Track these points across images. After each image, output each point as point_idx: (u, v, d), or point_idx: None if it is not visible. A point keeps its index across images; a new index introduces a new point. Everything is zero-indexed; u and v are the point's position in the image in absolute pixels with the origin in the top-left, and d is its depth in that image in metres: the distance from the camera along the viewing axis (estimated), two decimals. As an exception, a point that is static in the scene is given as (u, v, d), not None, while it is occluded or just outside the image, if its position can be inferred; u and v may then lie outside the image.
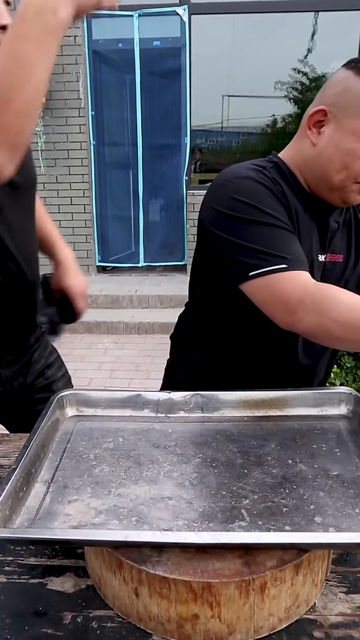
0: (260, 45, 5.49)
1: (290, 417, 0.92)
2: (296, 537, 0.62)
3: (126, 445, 0.86)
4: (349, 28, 5.14)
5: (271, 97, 6.18)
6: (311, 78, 6.08)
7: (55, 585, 0.71)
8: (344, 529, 0.66)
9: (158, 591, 0.61)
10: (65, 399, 0.95)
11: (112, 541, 0.62)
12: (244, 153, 6.79)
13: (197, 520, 0.68)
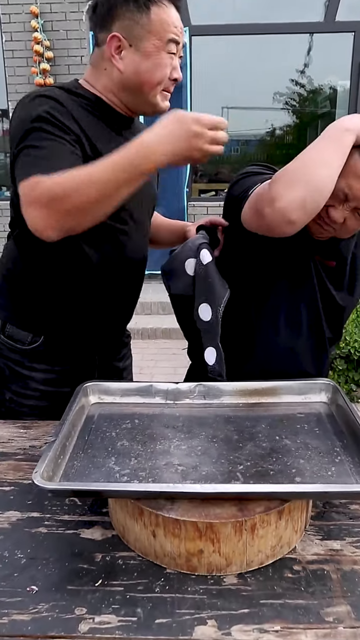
0: (257, 61, 5.72)
1: (278, 403, 1.10)
2: (277, 487, 0.79)
3: (141, 425, 1.03)
4: (343, 46, 5.36)
5: (269, 108, 6.40)
6: (308, 90, 6.30)
7: (86, 535, 0.88)
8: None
9: (171, 531, 0.78)
10: (89, 388, 1.12)
11: (137, 491, 0.79)
12: (242, 163, 7.00)
13: (201, 480, 0.85)
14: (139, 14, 1.09)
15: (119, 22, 1.11)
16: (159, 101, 1.17)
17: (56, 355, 1.30)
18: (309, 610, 0.73)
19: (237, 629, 0.70)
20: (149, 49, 1.11)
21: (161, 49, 1.12)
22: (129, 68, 1.13)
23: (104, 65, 1.16)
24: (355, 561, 0.82)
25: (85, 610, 0.73)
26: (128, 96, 1.17)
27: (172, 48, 1.13)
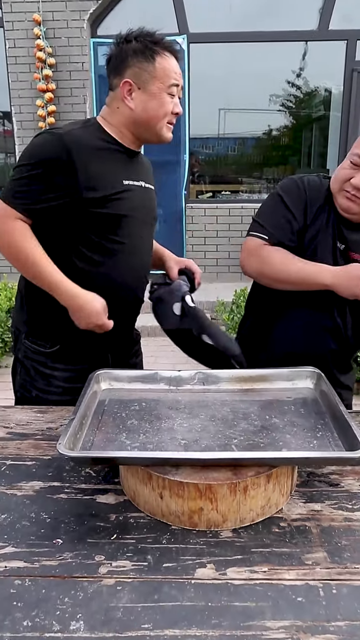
0: (253, 66, 5.86)
1: (269, 388, 1.24)
2: (266, 454, 0.94)
3: (148, 407, 1.17)
4: (336, 53, 5.51)
5: (265, 110, 6.54)
6: (303, 94, 6.45)
7: (101, 500, 1.02)
8: (301, 455, 0.98)
9: (176, 493, 0.91)
10: (100, 376, 1.26)
11: (148, 458, 0.93)
12: (240, 163, 7.15)
13: (202, 451, 0.99)
14: (146, 63, 1.34)
15: (130, 70, 1.35)
16: (164, 132, 1.42)
17: (74, 356, 1.48)
18: (292, 556, 0.87)
19: (232, 571, 0.84)
20: (154, 90, 1.36)
21: (164, 91, 1.36)
22: (139, 106, 1.38)
23: (117, 105, 1.40)
24: (332, 519, 0.95)
25: (103, 557, 0.87)
26: (138, 129, 1.41)
27: (173, 90, 1.37)
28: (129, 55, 1.34)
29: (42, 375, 1.48)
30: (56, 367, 1.47)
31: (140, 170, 1.50)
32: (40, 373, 1.48)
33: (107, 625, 0.75)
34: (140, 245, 1.50)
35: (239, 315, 3.52)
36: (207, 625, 0.74)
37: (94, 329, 1.38)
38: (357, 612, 0.76)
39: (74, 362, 1.47)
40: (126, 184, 1.41)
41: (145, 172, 1.54)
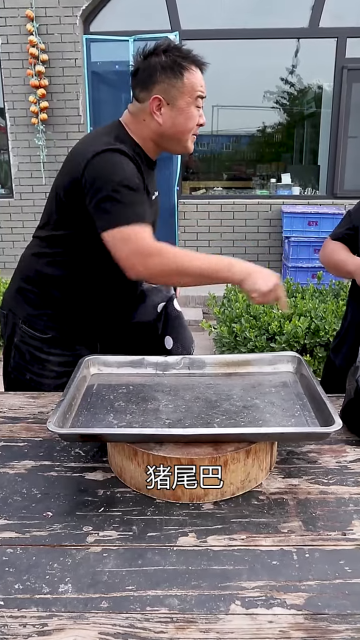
0: (246, 63, 5.91)
1: (252, 372, 1.29)
2: (244, 430, 0.99)
3: (135, 390, 1.22)
4: (327, 50, 5.56)
5: (258, 107, 6.60)
6: (295, 91, 6.51)
7: (90, 477, 1.07)
8: (279, 432, 1.03)
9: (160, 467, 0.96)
10: (89, 361, 1.31)
11: (133, 434, 0.98)
12: (233, 160, 7.20)
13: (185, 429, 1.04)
14: (175, 80, 1.36)
15: (158, 86, 1.37)
16: (189, 144, 1.46)
17: (70, 342, 1.53)
18: (269, 525, 0.92)
19: (212, 539, 0.89)
20: (182, 105, 1.38)
21: (191, 105, 1.39)
22: (167, 122, 1.40)
23: (144, 117, 1.42)
24: (309, 492, 1.01)
25: (91, 528, 0.92)
26: (163, 141, 1.45)
27: (199, 102, 1.41)
28: (158, 70, 1.35)
29: (37, 359, 1.52)
30: (52, 352, 1.52)
31: (155, 180, 1.56)
32: (35, 358, 1.52)
33: (94, 587, 0.80)
34: None
35: (230, 309, 3.57)
36: (187, 586, 0.80)
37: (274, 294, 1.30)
38: (328, 573, 0.82)
39: (69, 347, 1.53)
40: (153, 198, 1.50)
41: (155, 180, 1.59)
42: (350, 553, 0.86)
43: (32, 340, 1.52)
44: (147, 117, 1.40)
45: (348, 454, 1.14)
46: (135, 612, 0.76)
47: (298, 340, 3.13)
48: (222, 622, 0.74)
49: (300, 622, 0.74)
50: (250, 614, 0.75)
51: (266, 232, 5.86)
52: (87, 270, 1.47)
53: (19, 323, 1.54)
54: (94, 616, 0.75)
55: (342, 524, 0.92)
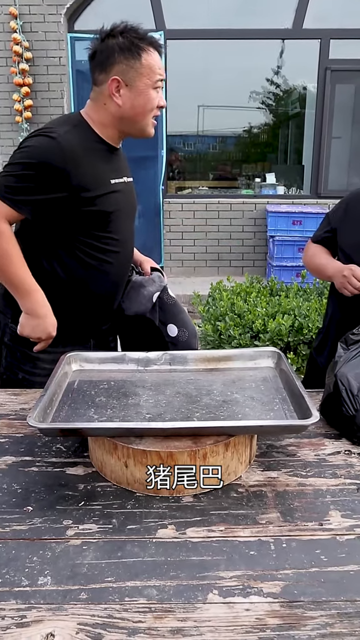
0: (231, 63, 5.93)
1: (233, 368, 1.30)
2: (222, 423, 1.00)
3: (116, 386, 1.22)
4: (310, 51, 5.61)
5: (243, 107, 6.63)
6: (280, 92, 6.56)
7: (70, 471, 1.07)
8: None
9: (140, 461, 0.97)
10: (71, 357, 1.31)
11: (112, 428, 0.99)
12: (219, 160, 7.23)
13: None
14: (133, 60, 1.37)
15: (117, 67, 1.38)
16: (149, 127, 1.47)
17: (59, 340, 1.52)
18: (247, 516, 0.93)
19: (191, 530, 0.90)
20: (141, 87, 1.39)
21: (150, 86, 1.40)
22: (127, 103, 1.41)
23: (104, 101, 1.42)
24: (287, 484, 1.02)
25: (71, 522, 0.92)
26: (124, 125, 1.45)
27: (159, 84, 1.42)
28: (115, 51, 1.36)
29: (29, 358, 1.52)
30: (43, 350, 1.51)
31: (122, 166, 1.56)
32: (26, 356, 1.52)
33: (73, 579, 0.80)
34: (128, 237, 1.58)
35: (215, 307, 3.58)
36: (165, 577, 0.81)
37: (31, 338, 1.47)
38: (304, 562, 0.83)
39: (60, 345, 1.52)
40: (113, 183, 1.48)
41: (125, 165, 1.59)
42: (326, 542, 0.87)
43: (22, 339, 1.51)
44: (107, 100, 1.41)
45: (326, 447, 1.16)
46: (113, 602, 0.76)
47: (282, 338, 3.15)
48: (200, 611, 0.75)
49: (276, 609, 0.75)
50: (227, 602, 0.76)
51: (251, 232, 5.89)
52: (65, 265, 1.47)
53: (9, 323, 1.54)
54: (73, 607, 0.76)
55: (319, 515, 0.94)
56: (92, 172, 1.41)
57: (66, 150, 1.35)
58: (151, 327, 1.57)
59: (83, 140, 1.41)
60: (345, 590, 0.78)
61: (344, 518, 0.93)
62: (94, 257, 1.48)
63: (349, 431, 1.18)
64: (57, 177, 1.36)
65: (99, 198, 1.42)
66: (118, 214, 1.49)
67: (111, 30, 1.39)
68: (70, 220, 1.42)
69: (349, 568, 0.82)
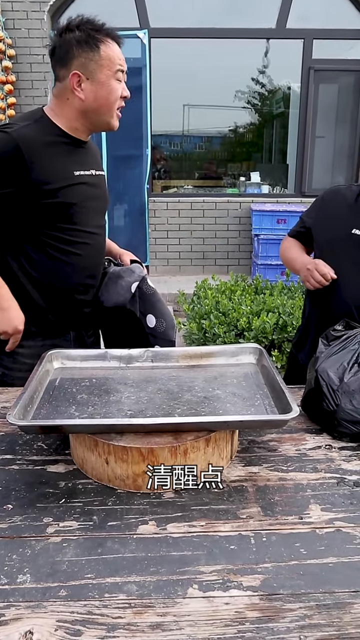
0: (216, 63, 5.94)
1: (214, 364, 1.31)
2: (203, 418, 1.00)
3: (98, 383, 1.22)
4: (294, 51, 5.64)
5: (229, 107, 6.65)
6: (264, 91, 6.59)
7: (52, 469, 1.06)
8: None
9: (120, 457, 0.97)
10: (52, 355, 1.30)
11: (92, 425, 0.98)
12: (205, 159, 7.24)
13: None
14: (92, 53, 1.37)
15: (76, 61, 1.38)
16: (114, 120, 1.46)
17: (38, 334, 1.52)
18: (228, 511, 0.94)
19: (172, 526, 0.90)
20: (102, 79, 1.39)
21: (112, 78, 1.40)
22: (90, 96, 1.40)
23: (67, 96, 1.42)
24: (268, 479, 1.03)
25: (51, 519, 0.92)
26: (89, 118, 1.45)
27: (120, 75, 1.41)
28: (73, 45, 1.37)
29: (7, 353, 1.51)
30: (22, 345, 1.50)
31: (90, 159, 1.55)
32: (5, 351, 1.51)
33: (53, 576, 0.80)
34: (98, 229, 1.57)
35: (199, 305, 3.59)
36: (146, 573, 0.80)
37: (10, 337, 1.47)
38: (284, 555, 0.84)
39: (39, 338, 1.51)
40: (77, 175, 1.47)
41: (94, 159, 1.58)
42: (305, 536, 0.88)
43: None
44: (70, 95, 1.42)
45: (307, 442, 1.17)
46: (93, 599, 0.76)
47: (266, 335, 3.17)
48: (180, 606, 0.75)
49: (256, 602, 0.75)
50: (207, 596, 0.76)
51: (236, 230, 5.91)
52: (32, 260, 1.46)
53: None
54: (52, 605, 0.75)
55: (299, 509, 0.95)
56: (52, 165, 1.41)
57: (21, 144, 1.35)
58: (132, 319, 1.56)
59: (42, 134, 1.41)
60: (324, 583, 0.78)
61: (324, 512, 0.94)
62: (61, 250, 1.46)
63: (329, 426, 1.19)
64: (11, 170, 1.35)
65: (61, 190, 1.41)
66: (84, 205, 1.48)
67: (68, 25, 1.39)
68: (33, 214, 1.41)
69: (328, 560, 0.83)
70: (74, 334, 1.59)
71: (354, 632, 0.71)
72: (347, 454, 1.12)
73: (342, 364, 1.23)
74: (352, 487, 1.01)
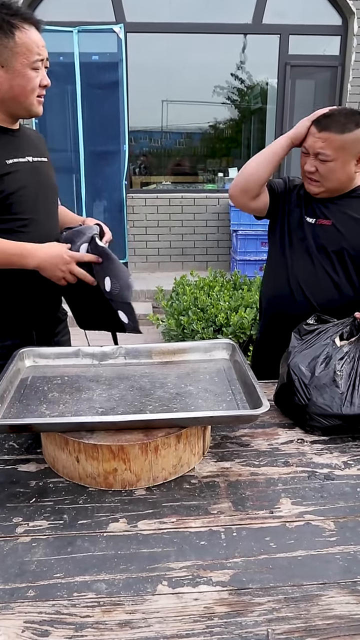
0: (194, 58, 5.93)
1: (187, 360, 1.30)
2: (174, 415, 1.00)
3: (70, 381, 1.21)
4: (271, 46, 5.66)
5: (208, 102, 6.64)
6: (242, 87, 6.59)
7: (23, 468, 1.05)
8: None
9: (91, 455, 0.96)
10: (24, 353, 1.29)
11: (61, 423, 0.97)
12: (184, 155, 7.22)
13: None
14: (6, 40, 1.29)
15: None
16: (34, 107, 1.39)
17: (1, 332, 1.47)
18: (199, 507, 0.94)
19: (143, 523, 0.90)
20: (18, 67, 1.32)
21: (28, 67, 1.32)
22: (4, 85, 1.34)
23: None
24: (240, 474, 1.03)
25: (21, 519, 0.91)
26: (7, 106, 1.38)
27: (38, 65, 1.34)
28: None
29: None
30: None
31: (24, 145, 1.48)
32: None
33: (21, 577, 0.79)
34: (44, 217, 1.51)
35: (178, 302, 3.59)
36: (115, 570, 0.80)
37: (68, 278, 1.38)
38: (253, 549, 0.84)
39: (2, 338, 1.47)
40: (10, 163, 1.41)
41: (31, 146, 1.52)
42: (275, 530, 0.88)
43: None
44: None
45: (280, 437, 1.17)
46: (62, 598, 0.76)
47: (244, 331, 3.18)
48: (149, 603, 0.75)
49: (225, 597, 0.75)
50: (176, 593, 0.76)
51: (214, 226, 5.91)
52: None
53: None
54: (20, 605, 0.74)
55: (270, 503, 0.95)
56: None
57: None
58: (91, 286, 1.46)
59: None
60: (293, 576, 0.79)
61: (294, 505, 0.94)
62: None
63: (301, 420, 1.20)
64: None
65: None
66: (23, 193, 1.42)
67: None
68: None
69: (297, 554, 0.83)
70: (37, 335, 1.54)
71: (320, 623, 0.71)
72: (318, 447, 1.13)
73: (313, 359, 1.24)
74: (322, 480, 1.02)
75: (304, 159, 1.55)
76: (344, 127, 1.45)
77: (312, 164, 1.51)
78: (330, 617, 0.72)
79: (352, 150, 1.47)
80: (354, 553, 0.84)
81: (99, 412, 1.06)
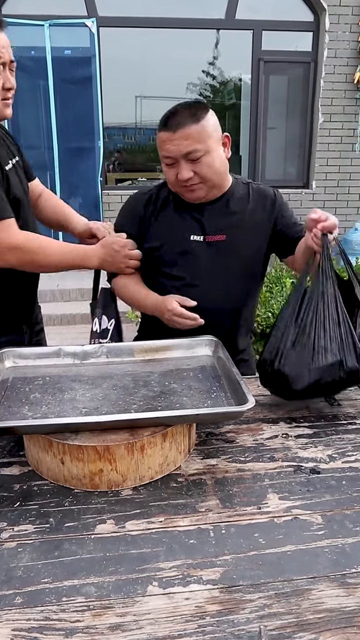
0: (168, 53, 5.90)
1: (170, 358, 1.29)
2: (159, 414, 0.99)
3: (52, 381, 1.19)
4: (244, 42, 5.67)
5: (182, 99, 6.60)
6: (216, 82, 6.59)
7: (6, 472, 1.03)
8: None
9: (76, 457, 0.95)
10: (4, 354, 1.26)
11: (44, 425, 0.96)
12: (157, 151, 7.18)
13: (101, 417, 1.03)
14: None
15: None
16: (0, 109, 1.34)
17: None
18: (187, 506, 0.93)
19: (130, 524, 0.89)
20: None
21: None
22: None
23: None
24: (226, 471, 1.03)
25: (6, 524, 0.89)
26: None
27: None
28: None
29: None
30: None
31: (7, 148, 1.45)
32: None
33: (7, 583, 0.77)
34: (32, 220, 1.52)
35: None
36: (104, 573, 0.79)
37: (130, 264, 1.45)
38: (242, 546, 0.84)
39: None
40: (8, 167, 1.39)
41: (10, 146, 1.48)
42: (264, 525, 0.88)
43: None
44: None
45: (264, 432, 1.17)
46: (50, 604, 0.74)
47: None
48: (139, 605, 0.74)
49: (216, 595, 0.75)
50: (167, 593, 0.75)
51: (192, 222, 5.90)
52: None
53: None
54: (7, 613, 0.73)
55: (257, 499, 0.95)
56: None
57: None
58: None
59: None
60: (283, 571, 0.79)
61: (282, 500, 0.95)
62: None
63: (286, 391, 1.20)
64: None
65: None
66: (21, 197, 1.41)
67: None
68: None
69: (286, 549, 0.83)
70: (26, 328, 1.53)
71: (312, 617, 0.72)
72: (303, 442, 1.14)
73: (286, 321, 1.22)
74: (308, 474, 1.02)
75: (171, 170, 1.37)
76: (195, 116, 1.33)
77: (186, 168, 1.34)
78: (321, 611, 0.72)
79: (215, 135, 1.37)
80: (342, 546, 0.84)
81: (82, 413, 1.05)
